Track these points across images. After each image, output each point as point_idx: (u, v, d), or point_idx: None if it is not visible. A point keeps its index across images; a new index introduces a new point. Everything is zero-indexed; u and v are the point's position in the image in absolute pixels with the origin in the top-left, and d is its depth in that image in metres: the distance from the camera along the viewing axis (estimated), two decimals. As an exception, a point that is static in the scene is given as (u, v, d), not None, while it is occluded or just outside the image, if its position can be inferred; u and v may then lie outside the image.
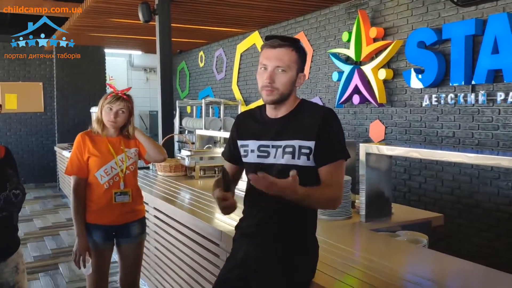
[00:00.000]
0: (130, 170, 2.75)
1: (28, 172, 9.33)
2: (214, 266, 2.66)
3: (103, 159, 2.67)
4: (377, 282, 1.82)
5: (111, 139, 2.74)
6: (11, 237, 2.23)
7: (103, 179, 2.66)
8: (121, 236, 2.76)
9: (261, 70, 1.78)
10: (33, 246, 5.43)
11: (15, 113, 9.41)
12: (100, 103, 2.71)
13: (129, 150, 2.77)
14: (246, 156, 1.89)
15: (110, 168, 2.67)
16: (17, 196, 2.15)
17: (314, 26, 6.13)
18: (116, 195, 2.69)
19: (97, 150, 2.68)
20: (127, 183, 2.74)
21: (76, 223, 2.63)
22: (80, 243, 2.59)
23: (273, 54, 1.74)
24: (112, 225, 2.71)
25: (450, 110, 4.38)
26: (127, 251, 2.80)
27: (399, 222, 2.74)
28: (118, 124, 2.72)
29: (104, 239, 2.69)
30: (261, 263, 1.81)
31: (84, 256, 2.58)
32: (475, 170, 4.21)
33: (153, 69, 11.12)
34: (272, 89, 1.74)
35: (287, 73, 1.75)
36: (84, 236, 2.61)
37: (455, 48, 4.20)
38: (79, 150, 2.67)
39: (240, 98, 7.89)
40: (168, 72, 5.76)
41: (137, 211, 2.81)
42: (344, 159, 1.78)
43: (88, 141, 2.69)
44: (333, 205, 1.82)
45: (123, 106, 2.69)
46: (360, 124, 5.44)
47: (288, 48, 1.74)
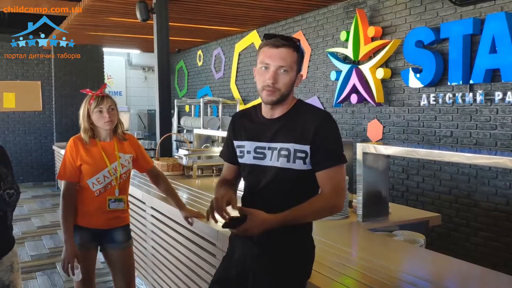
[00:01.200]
0: (123, 179, 2.71)
1: (26, 171, 9.32)
2: (210, 265, 2.66)
3: (96, 168, 2.60)
4: (373, 282, 1.81)
5: (104, 144, 2.67)
6: (5, 236, 2.21)
7: (95, 187, 2.61)
8: (106, 241, 2.71)
9: (261, 69, 1.74)
10: (31, 245, 5.42)
11: (13, 112, 9.40)
12: (84, 111, 2.62)
13: (124, 156, 2.71)
14: (242, 157, 1.88)
15: (103, 177, 2.62)
16: (11, 196, 2.13)
17: (312, 25, 6.12)
18: (110, 202, 2.65)
19: (90, 158, 2.61)
20: (122, 190, 2.70)
21: (64, 230, 2.56)
22: (68, 250, 2.52)
23: (276, 54, 1.71)
24: (98, 228, 2.66)
25: (448, 110, 4.38)
26: (114, 257, 2.74)
27: (397, 222, 2.74)
28: (115, 122, 2.66)
29: (89, 240, 2.64)
30: (256, 262, 1.80)
31: (73, 263, 2.52)
32: (473, 169, 4.21)
33: (152, 68, 11.12)
34: (274, 89, 1.72)
35: (289, 73, 1.73)
36: (72, 243, 2.54)
37: (453, 47, 4.20)
38: (72, 156, 2.60)
39: (239, 97, 7.89)
40: (166, 71, 5.75)
41: (123, 218, 2.77)
42: (341, 164, 1.76)
43: (80, 147, 2.62)
44: (329, 213, 1.82)
45: (111, 103, 2.63)
46: (358, 123, 5.43)
47: (290, 48, 1.72)
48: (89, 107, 2.61)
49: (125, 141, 2.76)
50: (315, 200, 1.74)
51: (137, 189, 3.78)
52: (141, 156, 2.86)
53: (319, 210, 1.75)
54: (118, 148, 2.70)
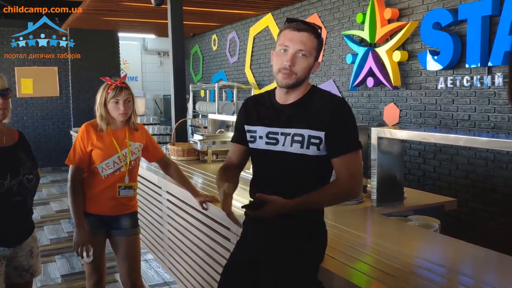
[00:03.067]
0: (132, 165, 2.71)
1: (45, 156, 9.44)
2: (225, 249, 2.68)
3: (106, 153, 2.62)
4: (387, 267, 1.81)
5: (116, 132, 2.69)
6: (26, 221, 2.25)
7: (104, 172, 2.63)
8: (113, 227, 2.73)
9: (280, 51, 1.73)
10: (50, 229, 5.53)
11: (31, 98, 9.50)
12: (101, 99, 2.63)
13: (134, 144, 2.73)
14: (253, 142, 1.87)
15: (113, 163, 2.63)
16: (31, 181, 2.17)
17: (328, 8, 6.04)
18: (120, 189, 2.67)
19: (101, 143, 2.62)
20: (131, 177, 2.72)
21: (74, 214, 2.58)
22: (81, 234, 2.55)
23: (297, 37, 1.71)
24: (105, 215, 2.68)
25: (466, 93, 4.30)
26: (120, 243, 2.74)
27: (411, 207, 2.72)
28: (128, 115, 2.68)
29: (97, 226, 2.65)
30: (269, 246, 1.81)
31: (87, 246, 2.55)
32: (490, 153, 4.14)
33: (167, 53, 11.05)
34: (290, 72, 1.72)
35: (307, 58, 1.73)
36: (84, 226, 2.57)
37: (472, 29, 4.11)
38: (83, 141, 2.62)
39: (253, 82, 7.85)
40: (181, 56, 5.75)
41: (130, 205, 2.78)
42: (357, 150, 1.76)
43: (92, 133, 2.64)
44: (346, 199, 1.84)
45: (128, 95, 2.64)
46: (374, 107, 5.38)
47: (312, 34, 1.72)
48: (106, 96, 2.62)
49: (136, 131, 2.78)
50: (332, 186, 1.75)
51: (153, 174, 3.82)
52: (151, 146, 2.88)
53: (336, 196, 1.77)
54: (129, 136, 2.72)
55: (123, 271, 2.79)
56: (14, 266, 2.22)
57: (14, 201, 2.11)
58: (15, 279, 2.24)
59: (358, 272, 1.81)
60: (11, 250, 2.17)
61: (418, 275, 1.75)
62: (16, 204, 2.13)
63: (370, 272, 1.80)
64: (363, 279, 1.76)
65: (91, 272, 2.71)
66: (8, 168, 2.10)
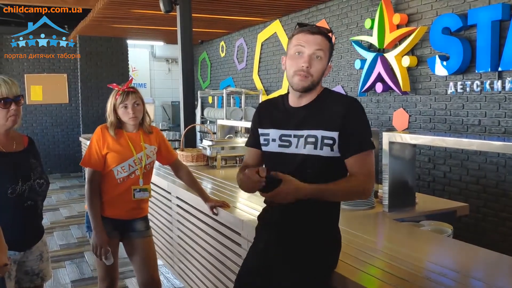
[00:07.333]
0: (147, 169, 2.73)
1: (54, 162, 9.51)
2: (235, 254, 2.67)
3: (122, 156, 2.63)
4: (400, 272, 1.79)
5: (130, 135, 2.71)
6: (36, 224, 2.26)
7: (119, 175, 2.63)
8: (126, 230, 2.73)
9: (295, 54, 1.74)
10: (59, 234, 5.54)
11: (40, 105, 9.57)
12: (111, 106, 2.66)
13: (149, 147, 2.74)
14: (266, 145, 1.87)
15: (128, 166, 2.64)
16: (41, 186, 2.19)
17: (336, 14, 6.05)
18: (136, 192, 2.68)
19: (117, 146, 2.64)
20: (146, 180, 2.73)
21: (92, 217, 2.59)
22: (99, 236, 2.56)
23: (312, 39, 1.72)
24: (120, 219, 2.69)
25: (476, 98, 4.28)
26: (137, 245, 2.75)
27: (423, 212, 2.70)
28: (139, 118, 2.69)
29: (111, 229, 2.65)
30: (282, 251, 1.80)
31: (106, 248, 2.57)
32: (501, 158, 4.11)
33: (175, 59, 11.17)
34: (307, 74, 1.72)
35: (322, 61, 1.74)
36: (102, 228, 2.58)
37: (481, 34, 4.09)
38: (98, 144, 2.64)
39: (261, 88, 7.86)
40: (190, 62, 5.78)
41: (143, 209, 2.79)
42: (371, 149, 1.75)
43: (107, 135, 2.66)
44: (359, 196, 1.81)
45: (136, 98, 2.65)
46: (383, 112, 5.36)
47: (324, 37, 1.74)
48: (115, 102, 2.65)
49: (151, 134, 2.80)
50: (348, 180, 1.73)
51: (163, 179, 3.82)
52: (165, 148, 2.89)
53: (350, 191, 1.74)
54: (144, 139, 2.74)
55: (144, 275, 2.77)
56: (24, 271, 2.23)
57: (26, 206, 2.13)
58: (25, 284, 2.25)
59: (370, 276, 1.80)
60: (21, 254, 2.18)
61: (431, 279, 1.73)
62: (28, 209, 2.14)
63: (383, 277, 1.79)
64: (375, 283, 1.75)
65: (104, 275, 2.71)
66: (20, 173, 2.11)
